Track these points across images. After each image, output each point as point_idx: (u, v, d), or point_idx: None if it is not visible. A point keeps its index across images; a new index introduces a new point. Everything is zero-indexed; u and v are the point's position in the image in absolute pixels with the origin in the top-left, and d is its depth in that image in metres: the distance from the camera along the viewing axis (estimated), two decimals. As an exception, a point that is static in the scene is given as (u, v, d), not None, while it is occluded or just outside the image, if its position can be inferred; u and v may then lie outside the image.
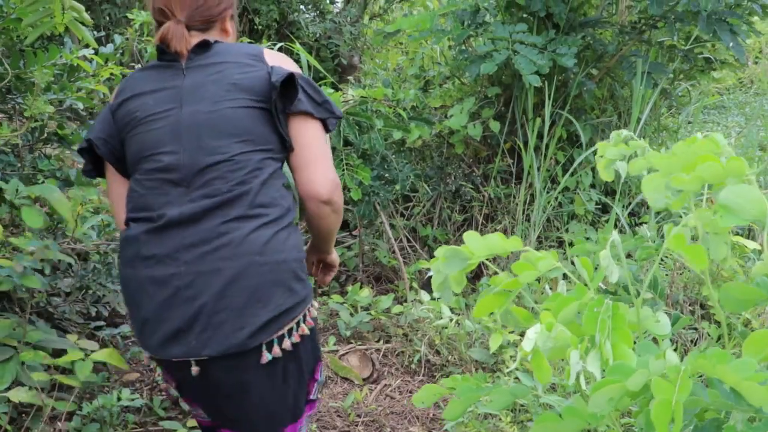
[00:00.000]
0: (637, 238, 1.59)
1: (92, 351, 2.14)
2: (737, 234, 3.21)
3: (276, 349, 1.59)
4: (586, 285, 1.13)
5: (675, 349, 2.92)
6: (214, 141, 1.61)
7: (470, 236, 1.09)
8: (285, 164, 1.76)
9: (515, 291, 1.02)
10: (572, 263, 3.90)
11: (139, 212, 1.63)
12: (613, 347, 0.92)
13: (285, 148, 1.70)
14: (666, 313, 1.34)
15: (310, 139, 1.70)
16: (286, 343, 1.60)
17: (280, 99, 1.67)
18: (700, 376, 0.95)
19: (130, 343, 2.97)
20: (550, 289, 1.16)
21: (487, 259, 1.14)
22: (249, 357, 1.57)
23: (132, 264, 1.61)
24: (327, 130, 1.74)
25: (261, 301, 1.56)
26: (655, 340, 1.26)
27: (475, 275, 3.88)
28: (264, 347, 1.57)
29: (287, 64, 1.74)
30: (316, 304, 1.76)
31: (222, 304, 1.54)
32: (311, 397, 1.82)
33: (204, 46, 1.72)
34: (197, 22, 1.75)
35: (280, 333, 1.59)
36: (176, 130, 1.63)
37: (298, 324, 1.63)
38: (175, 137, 1.63)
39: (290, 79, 1.67)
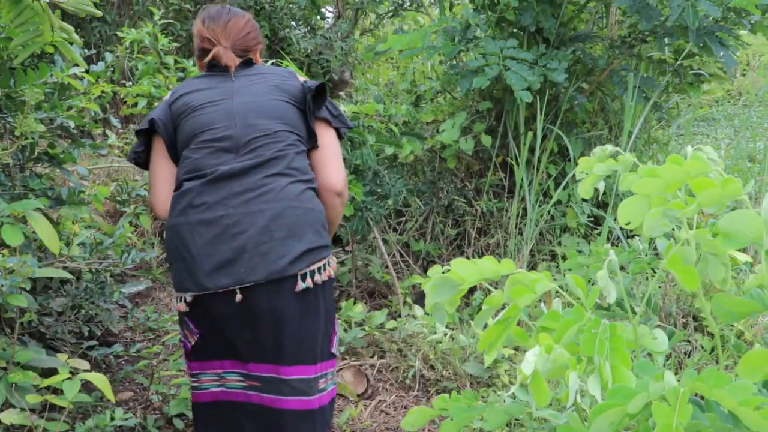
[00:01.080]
0: (629, 251, 1.59)
1: (83, 370, 2.12)
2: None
3: (308, 281, 1.93)
4: (579, 300, 1.12)
5: (668, 360, 2.92)
6: (260, 120, 2.04)
7: (459, 263, 1.09)
8: None
9: (515, 318, 1.02)
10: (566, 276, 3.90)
11: (193, 173, 2.00)
12: (612, 369, 0.91)
13: (310, 140, 2.12)
14: (659, 327, 1.34)
15: (328, 143, 2.14)
16: (317, 278, 1.96)
17: (312, 102, 2.11)
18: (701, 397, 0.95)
19: (123, 362, 2.95)
20: (544, 303, 1.15)
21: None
22: (286, 284, 1.91)
23: (184, 212, 1.97)
24: (340, 137, 2.20)
25: (297, 235, 1.93)
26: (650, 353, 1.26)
27: (469, 289, 3.87)
28: (299, 277, 1.92)
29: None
30: (335, 258, 2.15)
31: (265, 237, 1.90)
32: (332, 350, 2.11)
33: (248, 63, 2.23)
34: (238, 50, 2.21)
35: (311, 268, 1.95)
36: (229, 112, 2.05)
37: (324, 267, 1.99)
38: (227, 117, 2.04)
39: (321, 87, 2.13)
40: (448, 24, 4.02)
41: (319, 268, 1.97)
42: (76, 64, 2.62)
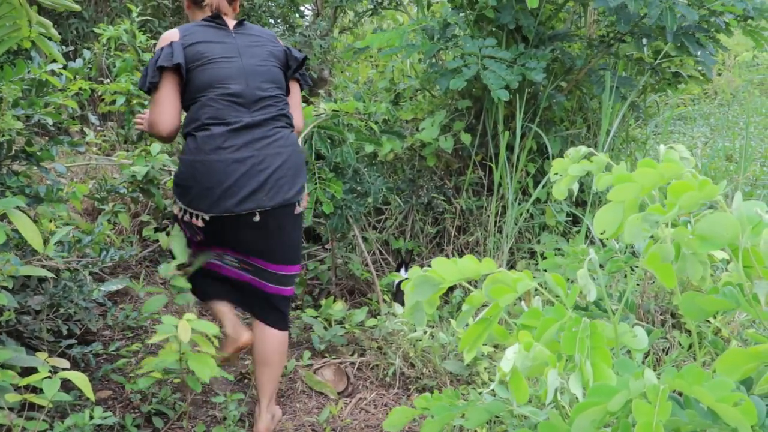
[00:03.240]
0: (606, 250, 1.60)
1: (63, 369, 2.11)
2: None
3: (302, 204, 2.65)
4: (558, 297, 1.14)
5: (646, 358, 2.95)
6: (265, 84, 2.61)
7: (440, 262, 1.09)
8: None
9: (496, 317, 1.02)
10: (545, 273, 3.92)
11: (217, 120, 2.51)
12: (592, 367, 0.93)
13: (287, 92, 2.75)
14: (637, 325, 1.35)
15: (297, 94, 2.83)
16: (304, 203, 2.68)
17: (294, 69, 2.76)
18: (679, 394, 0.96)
19: (101, 361, 2.93)
20: (523, 301, 1.16)
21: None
22: (290, 208, 2.59)
23: (215, 151, 2.48)
24: (302, 88, 2.87)
25: (299, 173, 2.62)
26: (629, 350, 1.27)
27: (449, 288, 3.87)
28: (297, 203, 2.61)
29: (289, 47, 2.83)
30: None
31: (281, 173, 2.54)
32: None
33: (242, 23, 2.72)
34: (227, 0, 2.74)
35: (300, 197, 2.63)
36: (241, 71, 2.58)
37: (304, 197, 2.68)
38: (240, 75, 2.57)
39: (304, 59, 2.79)
40: (426, 23, 4.03)
41: (304, 196, 2.68)
42: (54, 60, 2.60)
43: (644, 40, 3.92)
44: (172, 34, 2.60)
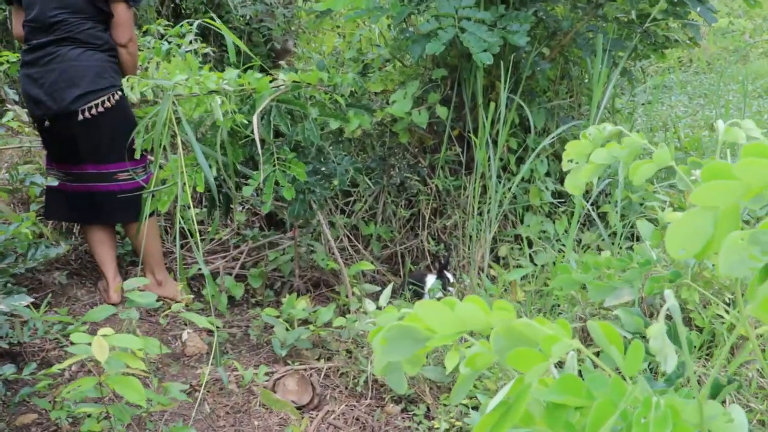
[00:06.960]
0: (641, 262, 1.22)
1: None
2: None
3: (86, 114, 3.03)
4: (598, 350, 0.76)
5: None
6: (56, 10, 3.05)
7: (426, 306, 0.70)
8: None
9: (522, 399, 0.64)
10: (531, 260, 3.48)
11: (25, 42, 3.13)
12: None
13: (103, 16, 3.14)
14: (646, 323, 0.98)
15: (117, 14, 3.16)
16: (93, 111, 3.04)
17: None
18: None
19: (21, 384, 2.51)
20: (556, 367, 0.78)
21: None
22: (73, 116, 3.05)
23: (20, 69, 3.16)
24: (129, 6, 3.18)
25: (75, 85, 3.03)
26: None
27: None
28: (79, 112, 3.03)
29: None
30: (120, 94, 3.13)
31: (55, 86, 3.03)
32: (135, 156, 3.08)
33: None
34: None
35: (89, 105, 3.03)
36: (43, 1, 3.06)
37: (103, 102, 3.05)
38: (37, 4, 3.06)
39: None
40: (396, -18, 3.60)
41: (97, 104, 3.05)
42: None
43: (637, -2, 3.52)
44: None
